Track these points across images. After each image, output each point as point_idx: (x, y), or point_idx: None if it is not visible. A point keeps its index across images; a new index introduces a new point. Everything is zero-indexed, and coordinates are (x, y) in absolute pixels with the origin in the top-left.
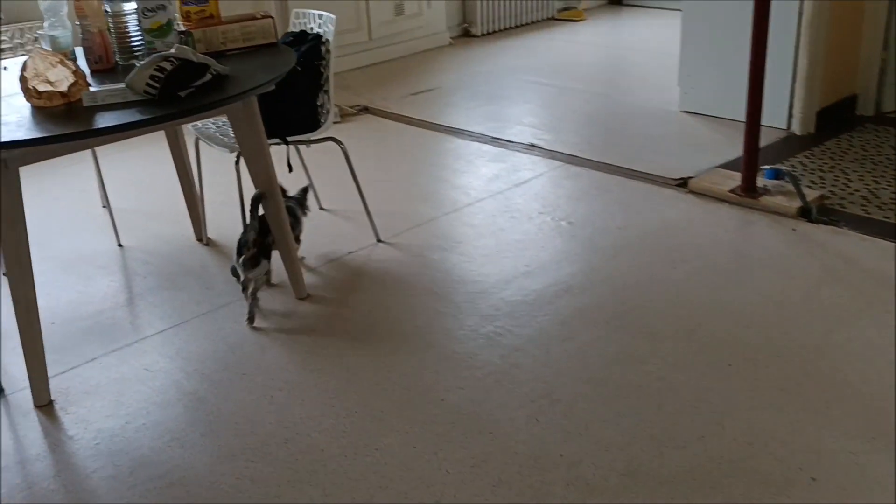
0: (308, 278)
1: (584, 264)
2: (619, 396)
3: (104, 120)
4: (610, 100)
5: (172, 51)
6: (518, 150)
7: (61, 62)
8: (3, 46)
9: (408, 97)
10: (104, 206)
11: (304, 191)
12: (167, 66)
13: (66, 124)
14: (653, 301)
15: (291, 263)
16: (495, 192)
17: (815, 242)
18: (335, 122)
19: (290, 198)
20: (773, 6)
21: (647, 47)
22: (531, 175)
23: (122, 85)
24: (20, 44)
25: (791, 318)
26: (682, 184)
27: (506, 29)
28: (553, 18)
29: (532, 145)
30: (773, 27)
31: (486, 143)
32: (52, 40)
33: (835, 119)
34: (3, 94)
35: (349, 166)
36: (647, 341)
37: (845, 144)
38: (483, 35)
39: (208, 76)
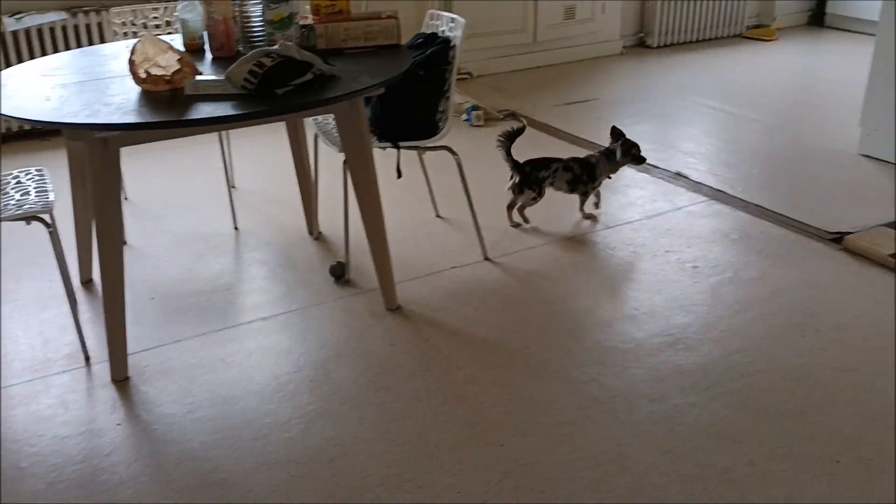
0: (403, 289)
1: (699, 317)
2: (699, 477)
3: (198, 111)
4: (781, 133)
5: (276, 47)
6: (663, 178)
7: (170, 49)
8: (151, 24)
9: (561, 106)
10: (232, 187)
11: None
12: (267, 61)
13: (163, 111)
14: (767, 371)
15: (383, 271)
16: (623, 221)
17: None
18: (477, 125)
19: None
20: None
21: (839, 78)
22: (668, 207)
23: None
24: (168, 21)
25: None
26: (838, 239)
27: (686, 42)
28: (741, 35)
29: (678, 174)
30: None
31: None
32: (183, 23)
33: None
34: (116, 75)
35: (462, 178)
36: (748, 417)
37: None
38: (660, 47)
39: (309, 75)
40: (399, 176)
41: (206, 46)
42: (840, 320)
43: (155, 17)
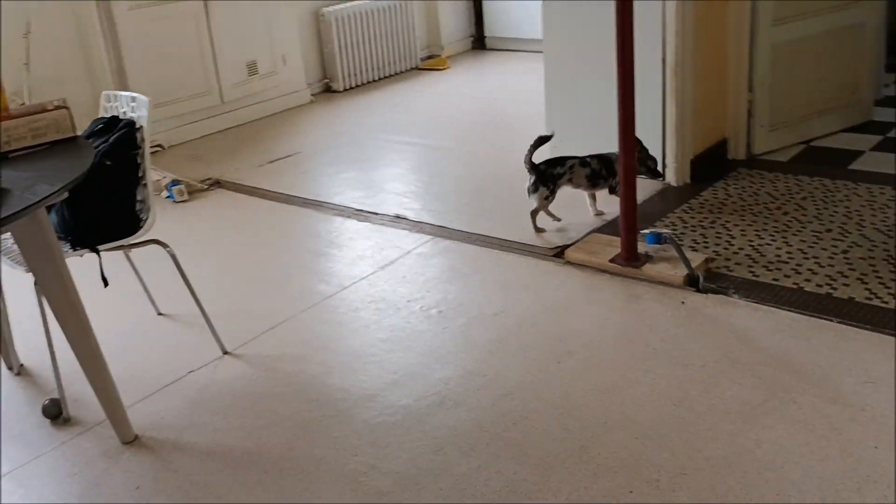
0: (137, 413)
1: (458, 366)
2: None
3: None
4: (479, 158)
5: None
6: (384, 224)
7: None
8: None
9: (264, 166)
10: None
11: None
12: None
13: None
14: (538, 412)
15: (108, 398)
16: (359, 277)
17: (707, 317)
18: (181, 201)
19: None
20: (636, 53)
21: (516, 96)
22: (397, 254)
23: None
24: None
25: (692, 422)
26: (560, 253)
27: (369, 82)
28: (417, 68)
29: (398, 217)
30: (638, 75)
31: (349, 216)
32: None
33: (709, 166)
34: None
35: (179, 271)
36: (536, 468)
37: (722, 194)
38: (346, 90)
39: None
40: (105, 285)
41: None
42: (585, 338)
43: None
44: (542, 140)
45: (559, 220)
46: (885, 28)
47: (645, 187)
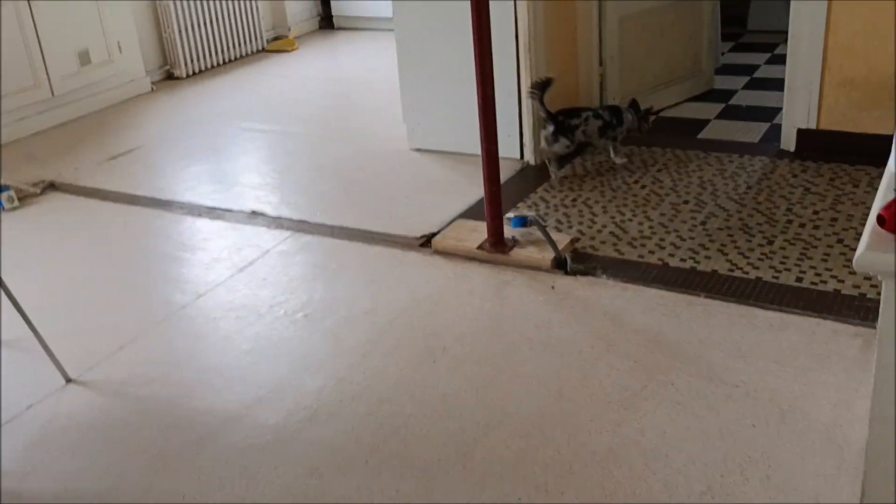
0: None
1: (329, 374)
2: None
3: None
4: (336, 144)
5: None
6: (239, 221)
7: None
8: None
9: (105, 163)
10: None
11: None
12: None
13: None
14: (417, 417)
15: None
16: (215, 282)
17: (578, 301)
18: (12, 209)
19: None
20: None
21: (368, 76)
22: (256, 254)
23: None
24: None
25: (574, 414)
26: (427, 242)
27: (213, 67)
28: (264, 50)
29: (255, 212)
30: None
31: (200, 214)
32: None
33: None
34: None
35: (9, 296)
36: (419, 482)
37: (580, 170)
38: (189, 76)
39: None
40: None
41: None
42: (459, 332)
43: None
44: (545, 85)
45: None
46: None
47: (505, 168)
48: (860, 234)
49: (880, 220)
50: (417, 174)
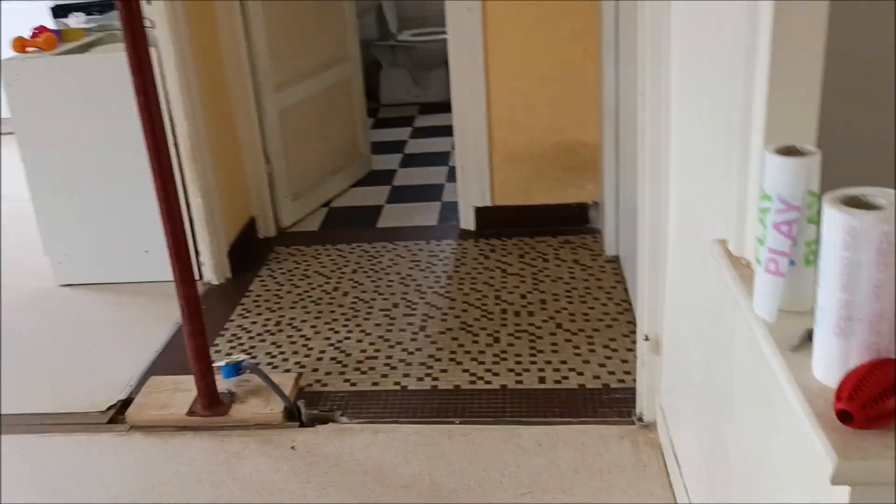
0: None
1: None
2: None
3: None
4: None
5: None
6: None
7: None
8: None
9: None
10: None
11: None
12: None
13: None
14: None
15: None
16: None
17: (327, 459)
18: None
19: None
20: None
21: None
22: None
23: None
24: None
25: None
26: (117, 415)
27: None
28: None
29: None
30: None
31: None
32: None
33: (244, 252)
34: None
35: None
36: None
37: (272, 283)
38: None
39: None
40: None
41: None
42: None
43: None
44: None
45: None
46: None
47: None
48: (572, 315)
49: (844, 416)
50: (77, 319)
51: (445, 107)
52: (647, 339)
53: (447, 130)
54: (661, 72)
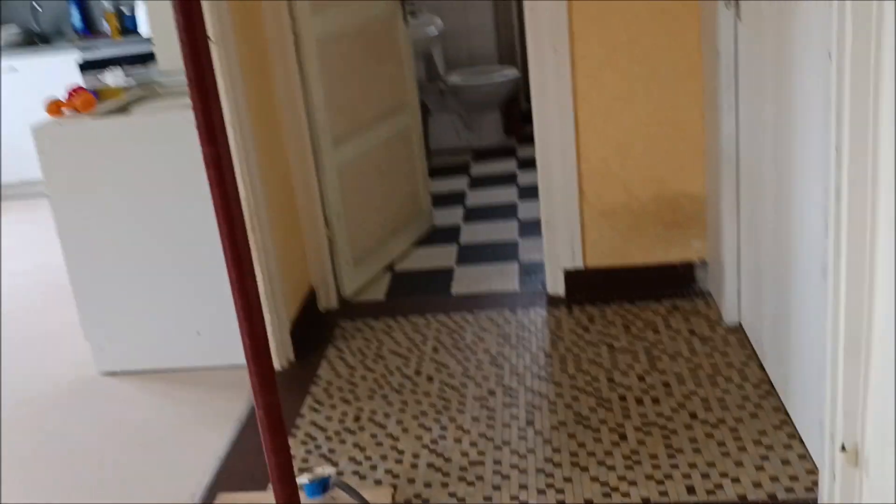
0: None
1: None
2: None
3: None
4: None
5: None
6: None
7: None
8: None
9: None
10: None
11: None
12: None
13: None
14: None
15: None
16: None
17: None
18: None
19: None
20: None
21: (30, 269)
22: None
23: None
24: None
25: None
26: None
27: None
28: None
29: None
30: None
31: None
32: None
33: (307, 331)
34: None
35: None
36: None
37: (342, 368)
38: None
39: None
40: None
41: None
42: None
43: None
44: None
45: None
46: (423, 130)
47: (237, 380)
48: (706, 401)
49: None
50: (123, 417)
51: (499, 152)
52: (843, 449)
53: (508, 179)
54: (869, 124)
